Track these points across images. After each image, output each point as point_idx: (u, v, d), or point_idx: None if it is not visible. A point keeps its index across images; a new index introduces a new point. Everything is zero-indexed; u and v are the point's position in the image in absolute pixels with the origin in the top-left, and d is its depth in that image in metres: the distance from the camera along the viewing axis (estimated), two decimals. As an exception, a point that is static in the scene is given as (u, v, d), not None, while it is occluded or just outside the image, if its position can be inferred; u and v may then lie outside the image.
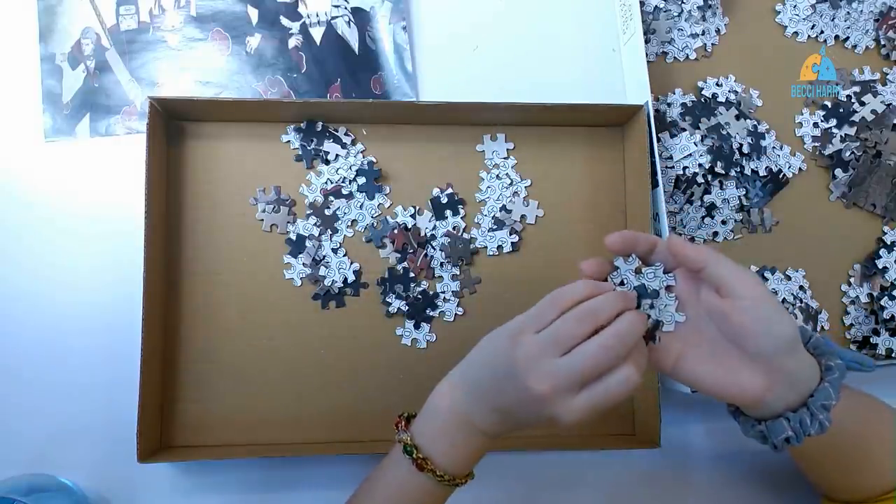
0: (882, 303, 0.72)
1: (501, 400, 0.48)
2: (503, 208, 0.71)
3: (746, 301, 0.46)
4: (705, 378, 0.48)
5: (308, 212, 0.69)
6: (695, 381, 0.49)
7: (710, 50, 0.75)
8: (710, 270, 0.47)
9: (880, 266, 0.73)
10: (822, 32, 0.77)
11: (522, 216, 0.71)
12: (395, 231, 0.69)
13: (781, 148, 0.74)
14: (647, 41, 0.74)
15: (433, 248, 0.70)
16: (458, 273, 0.70)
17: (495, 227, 0.71)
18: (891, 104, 0.74)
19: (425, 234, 0.70)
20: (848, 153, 0.74)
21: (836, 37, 0.77)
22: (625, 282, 0.50)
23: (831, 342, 0.52)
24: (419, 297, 0.69)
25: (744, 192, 0.72)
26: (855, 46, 0.77)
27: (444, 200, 0.70)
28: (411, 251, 0.69)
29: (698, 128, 0.71)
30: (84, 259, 0.68)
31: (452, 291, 0.69)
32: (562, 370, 0.45)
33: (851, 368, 0.54)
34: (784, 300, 0.71)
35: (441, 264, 0.70)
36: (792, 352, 0.47)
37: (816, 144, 0.74)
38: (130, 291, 0.62)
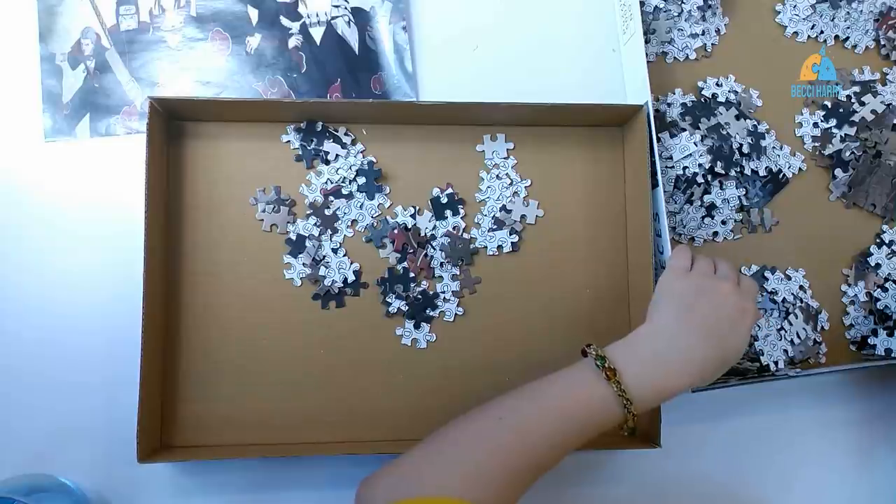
0: (875, 294, 0.72)
1: (706, 324, 0.56)
2: (503, 208, 0.71)
3: None
4: None
5: (308, 212, 0.69)
6: None
7: (710, 50, 0.75)
8: None
9: (872, 263, 0.73)
10: (822, 32, 0.76)
11: (522, 216, 0.71)
12: (395, 231, 0.69)
13: (781, 148, 0.74)
14: (647, 41, 0.74)
15: (433, 248, 0.70)
16: (458, 273, 0.70)
17: (495, 227, 0.71)
18: (891, 104, 0.74)
19: (425, 234, 0.70)
20: (848, 153, 0.74)
21: (836, 37, 0.77)
22: None
23: None
24: (419, 297, 0.69)
25: (744, 192, 0.72)
26: (855, 46, 0.77)
27: (444, 200, 0.70)
28: (411, 251, 0.69)
29: (698, 128, 0.71)
30: (84, 259, 0.68)
31: (452, 291, 0.69)
32: (726, 276, 0.59)
33: None
34: (784, 300, 0.71)
35: (441, 264, 0.70)
36: None
37: (816, 144, 0.74)
38: (130, 291, 0.62)
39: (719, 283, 0.57)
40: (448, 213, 0.70)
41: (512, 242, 0.71)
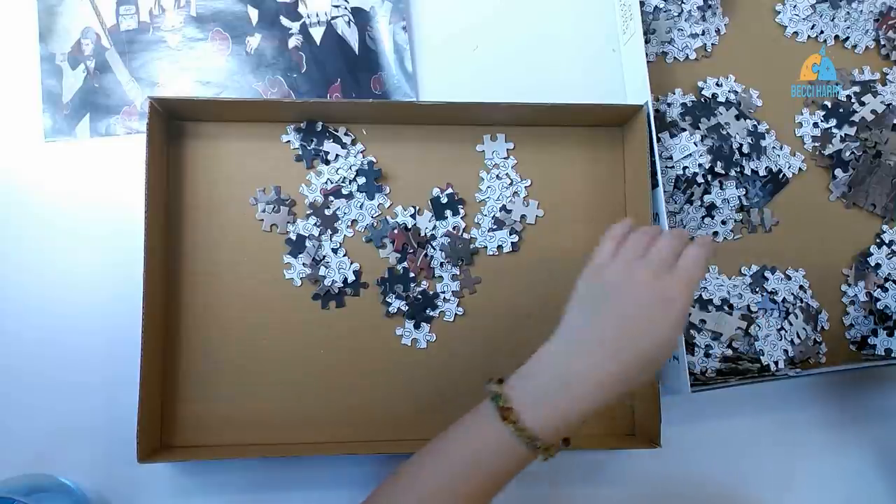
0: (875, 294, 0.72)
1: (613, 327, 0.49)
2: (503, 208, 0.71)
3: None
4: None
5: (308, 212, 0.69)
6: None
7: (710, 50, 0.75)
8: None
9: (872, 263, 0.73)
10: (822, 32, 0.76)
11: (522, 216, 0.71)
12: (395, 231, 0.69)
13: (781, 148, 0.74)
14: (647, 41, 0.74)
15: (433, 248, 0.70)
16: (458, 273, 0.70)
17: (495, 227, 0.71)
18: (891, 104, 0.74)
19: (425, 234, 0.70)
20: (848, 153, 0.74)
21: (836, 37, 0.77)
22: None
23: None
24: (419, 297, 0.69)
25: (744, 192, 0.72)
26: (855, 46, 0.77)
27: (444, 200, 0.70)
28: (411, 251, 0.69)
29: (698, 128, 0.71)
30: (84, 259, 0.68)
31: (452, 291, 0.69)
32: (653, 258, 0.51)
33: None
34: (784, 300, 0.71)
35: (441, 264, 0.70)
36: None
37: (816, 144, 0.74)
38: (130, 291, 0.62)
39: (637, 272, 0.50)
40: (448, 213, 0.70)
41: (512, 242, 0.71)
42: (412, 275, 0.69)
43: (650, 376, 0.51)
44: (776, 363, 0.69)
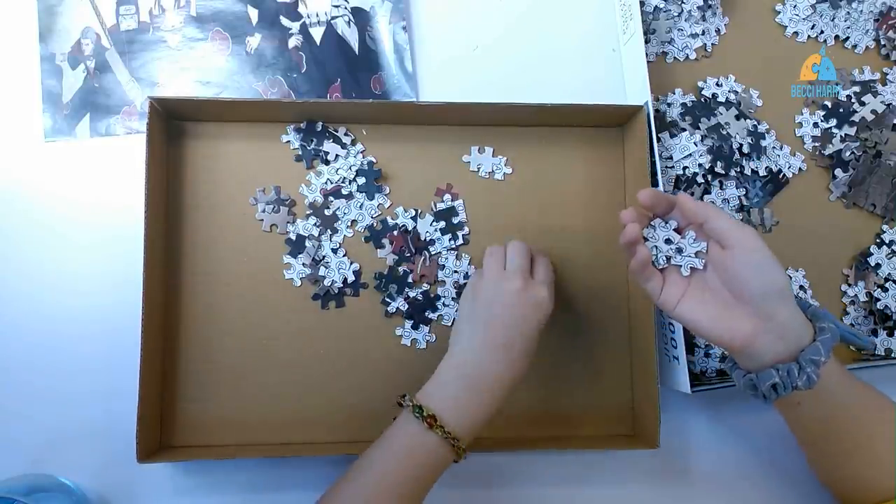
0: (875, 294, 0.72)
1: (501, 334, 0.58)
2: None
3: (740, 250, 0.51)
4: (701, 320, 0.53)
5: (308, 212, 0.69)
6: (692, 322, 0.54)
7: (710, 50, 0.75)
8: (710, 224, 0.53)
9: (872, 263, 0.73)
10: (822, 32, 0.76)
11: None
12: (395, 233, 0.69)
13: (781, 148, 0.74)
14: (647, 41, 0.74)
15: (431, 250, 0.70)
16: (458, 280, 0.70)
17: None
18: (891, 104, 0.74)
19: (425, 238, 0.70)
20: (848, 153, 0.74)
21: (836, 37, 0.77)
22: (656, 247, 0.56)
23: (830, 315, 0.55)
24: (419, 297, 0.69)
25: (744, 192, 0.72)
26: (855, 46, 0.77)
27: (455, 222, 0.70)
28: (408, 254, 0.69)
29: (698, 128, 0.71)
30: (84, 259, 0.68)
31: (452, 298, 0.69)
32: (513, 269, 0.61)
33: (846, 339, 0.58)
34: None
35: (443, 268, 0.69)
36: (781, 301, 0.51)
37: (816, 144, 0.74)
38: (130, 292, 0.62)
39: (507, 283, 0.60)
40: (448, 234, 0.70)
41: (512, 242, 0.71)
42: (410, 280, 0.69)
43: (529, 366, 0.60)
44: (776, 363, 0.69)
